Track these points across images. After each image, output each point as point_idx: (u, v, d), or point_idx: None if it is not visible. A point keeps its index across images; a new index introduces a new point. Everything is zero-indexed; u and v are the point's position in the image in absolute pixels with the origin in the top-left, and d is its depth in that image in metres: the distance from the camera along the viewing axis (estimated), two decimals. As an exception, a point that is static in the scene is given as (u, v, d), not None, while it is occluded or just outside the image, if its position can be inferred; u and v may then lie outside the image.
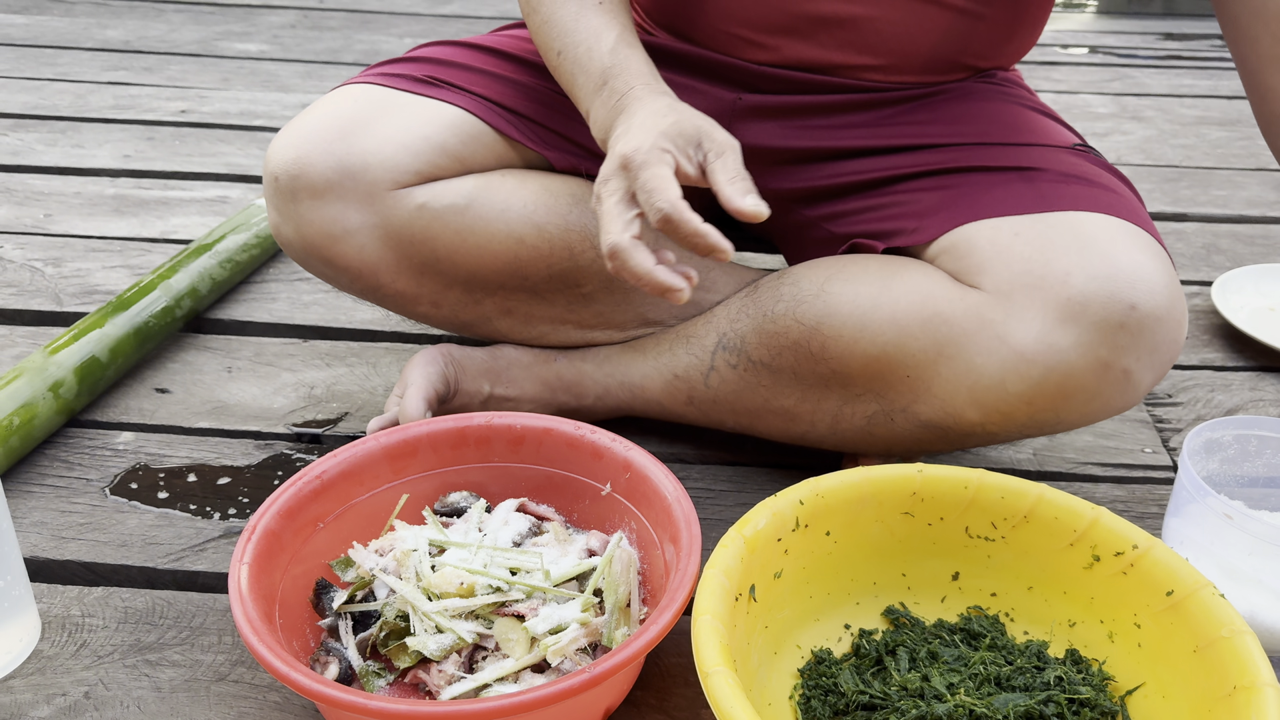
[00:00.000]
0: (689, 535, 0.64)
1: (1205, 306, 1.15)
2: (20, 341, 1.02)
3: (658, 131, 0.65)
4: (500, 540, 0.70)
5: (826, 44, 0.81)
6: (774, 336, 0.78)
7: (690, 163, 0.65)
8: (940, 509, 0.68)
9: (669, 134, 0.65)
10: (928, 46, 0.81)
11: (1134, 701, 0.62)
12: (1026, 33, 0.85)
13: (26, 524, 0.79)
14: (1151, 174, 1.53)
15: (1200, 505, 0.69)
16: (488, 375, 0.88)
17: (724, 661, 0.54)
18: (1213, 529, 0.69)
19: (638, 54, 0.73)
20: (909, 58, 0.82)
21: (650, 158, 0.63)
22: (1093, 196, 0.72)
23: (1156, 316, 0.67)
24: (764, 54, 0.84)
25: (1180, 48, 2.15)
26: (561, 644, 0.62)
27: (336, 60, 1.91)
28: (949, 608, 0.70)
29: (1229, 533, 0.68)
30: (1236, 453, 0.76)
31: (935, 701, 0.59)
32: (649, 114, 0.67)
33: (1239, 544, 0.68)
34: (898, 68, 0.82)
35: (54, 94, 1.68)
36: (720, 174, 0.64)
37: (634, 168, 0.64)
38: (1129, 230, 0.69)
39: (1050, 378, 0.69)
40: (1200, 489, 0.69)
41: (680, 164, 0.64)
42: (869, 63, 0.82)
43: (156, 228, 1.26)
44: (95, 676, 0.67)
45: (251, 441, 0.90)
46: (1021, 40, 0.86)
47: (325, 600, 0.68)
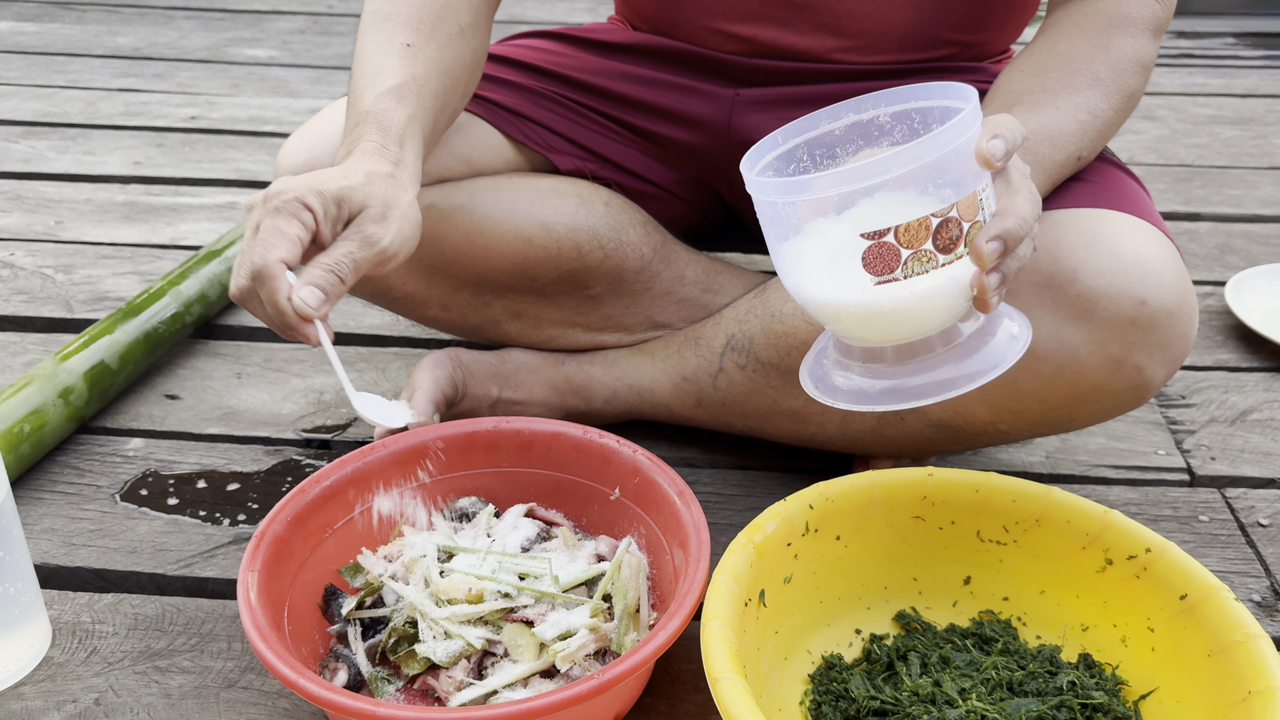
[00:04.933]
0: (698, 540, 0.63)
1: (1219, 307, 1.14)
2: (31, 348, 1.02)
3: (319, 187, 0.61)
4: (509, 545, 0.69)
5: (800, 28, 0.82)
6: (782, 337, 0.78)
7: (329, 230, 0.62)
8: (951, 513, 0.68)
9: (326, 192, 0.61)
10: (901, 23, 0.81)
11: (1148, 706, 0.61)
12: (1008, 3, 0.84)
13: (37, 531, 0.79)
14: (1164, 173, 1.52)
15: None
16: (496, 379, 0.88)
17: (733, 667, 0.53)
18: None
19: (402, 108, 0.69)
20: (883, 36, 0.82)
21: (286, 206, 0.60)
22: (1100, 192, 0.72)
23: (1167, 311, 0.66)
24: (742, 45, 0.84)
25: (1192, 46, 2.14)
26: (570, 650, 0.62)
27: (345, 65, 1.91)
28: (961, 612, 0.69)
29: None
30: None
31: (947, 707, 0.59)
32: (341, 170, 0.64)
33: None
34: (874, 47, 0.83)
35: (65, 101, 1.69)
36: (322, 254, 0.62)
37: (269, 208, 0.61)
38: (1137, 225, 0.69)
39: (1062, 375, 0.68)
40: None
41: (320, 225, 0.62)
42: (844, 44, 0.83)
43: (166, 234, 1.27)
44: (105, 683, 0.67)
45: (261, 447, 0.90)
46: (1006, 13, 0.85)
47: (334, 606, 0.68)
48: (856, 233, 0.52)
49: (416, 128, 0.69)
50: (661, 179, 0.92)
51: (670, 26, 0.88)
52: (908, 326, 0.56)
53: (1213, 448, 0.92)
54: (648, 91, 0.89)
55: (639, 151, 0.91)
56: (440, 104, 0.73)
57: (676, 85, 0.89)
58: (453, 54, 0.74)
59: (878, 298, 0.53)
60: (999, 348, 0.57)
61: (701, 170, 0.92)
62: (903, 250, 0.52)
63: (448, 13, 0.74)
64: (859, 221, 0.52)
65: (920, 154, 0.51)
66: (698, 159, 0.91)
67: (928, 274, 0.53)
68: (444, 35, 0.74)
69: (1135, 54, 0.71)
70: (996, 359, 0.56)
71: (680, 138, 0.90)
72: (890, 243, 0.52)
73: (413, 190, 0.66)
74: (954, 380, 0.56)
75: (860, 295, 0.54)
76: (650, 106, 0.89)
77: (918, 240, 0.52)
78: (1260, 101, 1.83)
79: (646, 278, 0.86)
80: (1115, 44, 0.70)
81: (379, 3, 0.74)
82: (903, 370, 0.57)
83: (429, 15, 0.73)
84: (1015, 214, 0.53)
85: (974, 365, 0.56)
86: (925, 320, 0.55)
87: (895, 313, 0.54)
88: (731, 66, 0.86)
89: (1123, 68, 0.71)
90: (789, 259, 0.57)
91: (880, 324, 0.55)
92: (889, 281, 0.53)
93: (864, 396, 0.58)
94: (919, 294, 0.53)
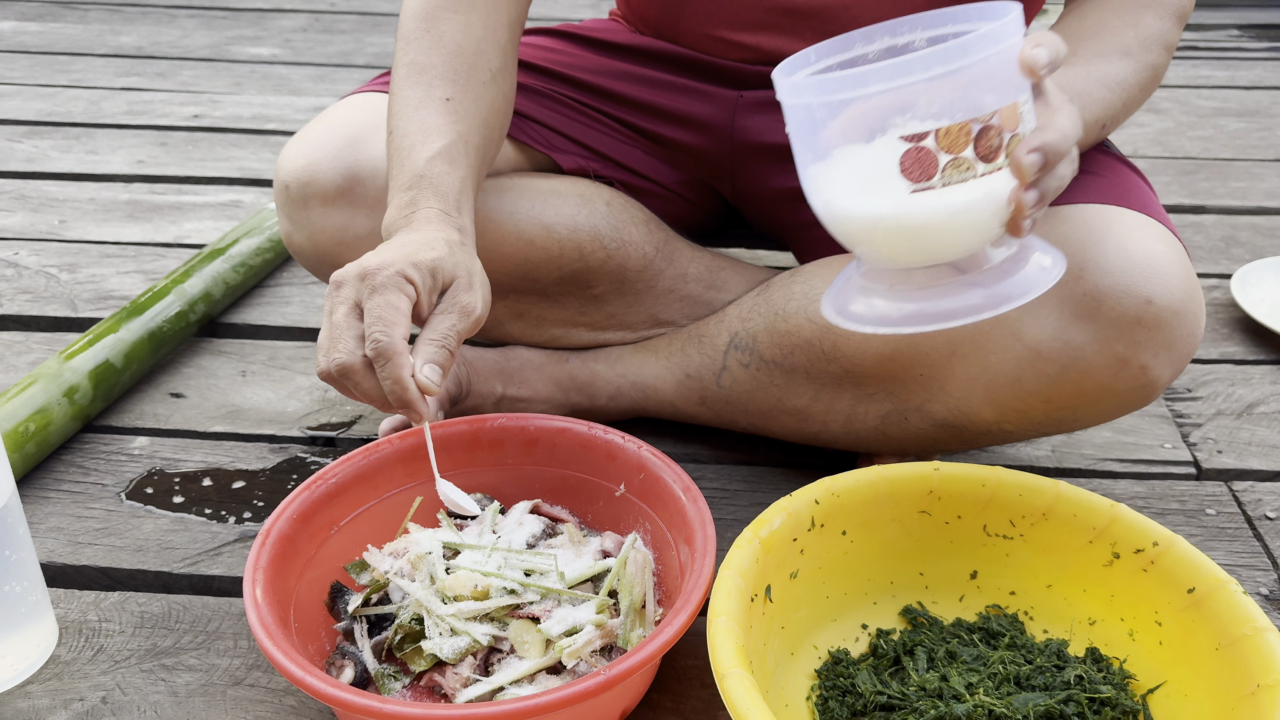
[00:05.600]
0: (703, 536, 0.63)
1: (1225, 300, 1.14)
2: (36, 347, 1.02)
3: (415, 260, 0.61)
4: (514, 542, 0.69)
5: (805, 36, 0.81)
6: (786, 335, 0.78)
7: (427, 302, 0.62)
8: (958, 507, 0.67)
9: (422, 265, 0.62)
10: None
11: (1155, 700, 0.61)
12: None
13: (43, 530, 0.79)
14: (1169, 166, 1.51)
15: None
16: (500, 376, 0.88)
17: (739, 663, 0.53)
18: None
19: (456, 171, 0.69)
20: None
21: (391, 281, 0.60)
22: (1105, 189, 0.72)
23: (1174, 310, 0.66)
24: (746, 53, 0.84)
25: (1197, 38, 2.13)
26: (577, 646, 0.62)
27: (348, 63, 1.91)
28: (967, 607, 0.69)
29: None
30: None
31: (954, 702, 0.59)
32: (423, 239, 0.64)
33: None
34: None
35: (68, 100, 1.69)
36: (428, 329, 0.62)
37: (372, 285, 0.60)
38: (1144, 223, 0.68)
39: (1067, 375, 0.68)
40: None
41: (420, 298, 0.62)
42: None
43: (170, 233, 1.27)
44: (112, 681, 0.67)
45: (266, 445, 0.90)
46: None
47: (340, 604, 0.68)
48: (896, 136, 0.51)
49: (469, 189, 0.70)
50: (664, 179, 0.92)
51: (673, 33, 0.87)
52: (940, 244, 0.54)
53: (1219, 441, 0.91)
54: (651, 92, 0.89)
55: (641, 151, 0.91)
56: (482, 157, 0.73)
57: (680, 87, 0.88)
58: (488, 102, 0.74)
59: (912, 209, 0.52)
60: (1030, 276, 0.55)
61: (704, 171, 0.92)
62: (941, 156, 0.51)
63: (479, 60, 0.74)
64: (897, 126, 0.51)
65: (963, 53, 0.49)
66: (701, 160, 0.91)
67: (965, 184, 0.51)
68: (479, 84, 0.73)
69: (1161, 33, 0.71)
70: (1027, 286, 0.55)
71: (683, 139, 0.90)
72: (929, 147, 0.50)
73: (476, 255, 0.67)
74: (981, 305, 0.55)
75: (894, 206, 0.52)
76: (653, 107, 0.89)
77: (958, 145, 0.50)
78: (1265, 93, 1.83)
79: (649, 276, 0.86)
80: (1143, 22, 0.70)
81: (411, 54, 0.73)
82: (930, 294, 0.55)
83: (463, 65, 0.73)
84: (1056, 128, 0.53)
85: (1003, 290, 0.55)
86: (958, 238, 0.54)
87: (929, 227, 0.52)
88: (734, 73, 0.85)
89: (1149, 45, 0.70)
90: (819, 175, 0.55)
91: (912, 241, 0.54)
92: (925, 190, 0.51)
93: (887, 320, 0.56)
94: (955, 206, 0.52)
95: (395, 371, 0.59)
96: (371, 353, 0.60)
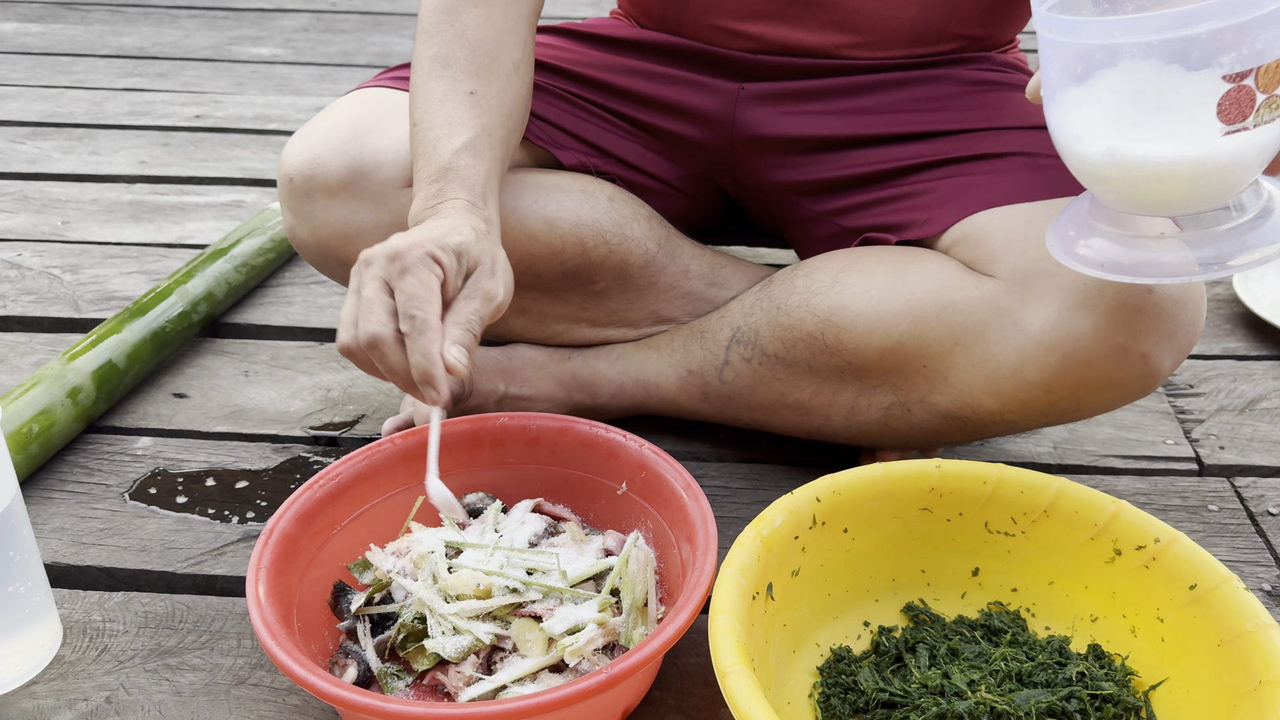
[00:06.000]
0: (705, 534, 0.63)
1: (1227, 295, 1.14)
2: (39, 348, 1.03)
3: (442, 242, 0.62)
4: (516, 541, 0.69)
5: (809, 25, 0.82)
6: (788, 329, 0.78)
7: (455, 284, 0.63)
8: (959, 504, 0.68)
9: (449, 247, 0.62)
10: (910, 19, 0.81)
11: (1158, 697, 0.61)
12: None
13: (47, 530, 0.80)
14: (1170, 162, 1.51)
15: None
16: (502, 374, 0.88)
17: (741, 661, 0.53)
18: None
19: (481, 164, 0.70)
20: (892, 32, 0.82)
21: (422, 261, 0.61)
22: None
23: (1174, 299, 0.66)
24: (749, 42, 0.84)
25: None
26: (579, 644, 0.62)
27: (349, 62, 1.92)
28: (969, 604, 0.69)
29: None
30: None
31: (956, 699, 0.59)
32: (450, 225, 0.64)
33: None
34: (883, 43, 0.83)
35: (70, 101, 1.69)
36: (452, 313, 0.62)
37: (403, 264, 0.61)
38: None
39: (1069, 364, 0.68)
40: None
41: (448, 279, 0.62)
42: (853, 40, 0.82)
43: (172, 233, 1.27)
44: (116, 681, 0.67)
45: (269, 445, 0.90)
46: (1014, 4, 0.85)
47: (343, 603, 0.68)
48: (1217, 75, 0.48)
49: (494, 181, 0.71)
50: (665, 174, 0.92)
51: (675, 24, 0.87)
52: (1220, 189, 0.52)
53: (1221, 437, 0.91)
54: (652, 86, 0.89)
55: (642, 146, 0.91)
56: (506, 149, 0.74)
57: (681, 80, 0.88)
58: (511, 95, 0.75)
59: (1218, 150, 0.50)
60: (1275, 225, 0.53)
61: (706, 165, 0.92)
62: (1259, 95, 0.49)
63: (501, 53, 0.75)
64: (1221, 65, 0.48)
65: None
66: (702, 154, 0.91)
67: (1272, 124, 0.49)
68: (501, 77, 0.74)
69: None
70: (1275, 234, 0.52)
71: (684, 132, 0.90)
72: (1250, 86, 0.48)
73: (500, 244, 0.68)
74: (1214, 258, 0.52)
75: (1200, 149, 0.50)
76: (654, 101, 0.89)
77: (1274, 84, 0.48)
78: (1267, 88, 1.82)
79: (651, 272, 0.86)
80: None
81: (433, 48, 0.74)
82: (1165, 244, 0.53)
83: (485, 58, 0.73)
84: None
85: (1257, 240, 0.52)
86: (1238, 181, 0.51)
87: (1228, 169, 0.50)
88: (737, 63, 0.86)
89: None
90: (1095, 120, 0.52)
91: (1197, 185, 0.51)
92: (1238, 131, 0.49)
93: (1118, 267, 0.54)
94: (1258, 146, 0.50)
95: (427, 346, 0.60)
96: (407, 327, 0.60)
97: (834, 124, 0.84)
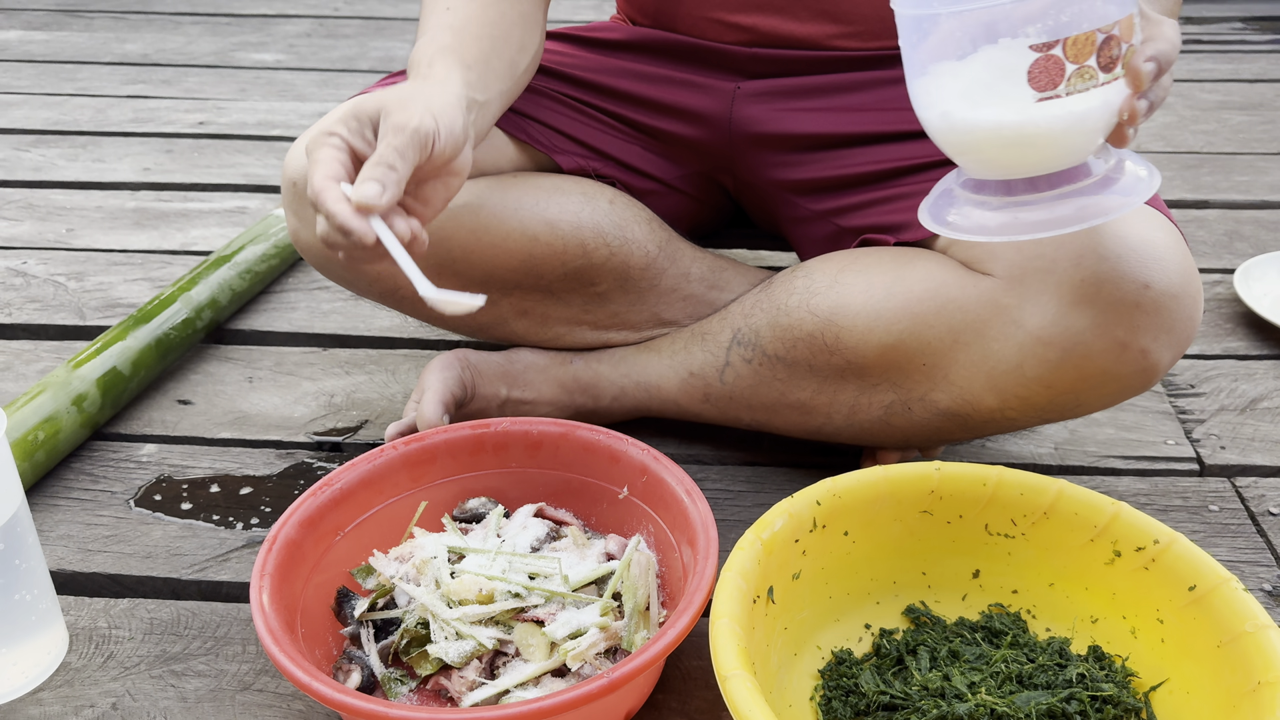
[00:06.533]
0: (706, 538, 0.64)
1: (1228, 294, 1.14)
2: (45, 356, 1.03)
3: (337, 115, 0.65)
4: (519, 545, 0.70)
5: (800, 16, 0.83)
6: (788, 329, 0.78)
7: (362, 143, 0.64)
8: (959, 506, 0.68)
9: (343, 115, 0.64)
10: None
11: (1158, 698, 0.61)
12: None
13: (53, 537, 0.80)
14: (1172, 160, 1.51)
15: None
16: (504, 379, 0.88)
17: (742, 664, 0.54)
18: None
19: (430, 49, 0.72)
20: (882, 21, 0.83)
21: (315, 142, 0.63)
22: None
23: (1172, 294, 0.67)
24: (742, 35, 0.86)
25: (1200, 31, 2.12)
26: (581, 648, 0.62)
27: (352, 68, 1.92)
28: (970, 605, 0.69)
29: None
30: None
31: (957, 701, 0.59)
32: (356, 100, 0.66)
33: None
34: (873, 32, 0.84)
35: (74, 109, 1.70)
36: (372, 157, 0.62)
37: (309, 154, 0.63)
38: (1140, 210, 0.69)
39: (1068, 360, 0.69)
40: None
41: (353, 144, 0.63)
42: (843, 30, 0.84)
43: (176, 240, 1.27)
44: (122, 688, 0.68)
45: (273, 451, 0.90)
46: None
47: (347, 608, 0.69)
48: (1025, 45, 0.53)
49: (448, 56, 0.71)
50: (665, 174, 0.92)
51: (670, 19, 0.88)
52: (1053, 153, 0.56)
53: (1222, 436, 0.91)
54: (649, 87, 0.90)
55: (641, 148, 0.91)
56: (487, 46, 0.74)
57: (678, 80, 0.89)
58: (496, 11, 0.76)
59: (1035, 117, 0.54)
60: (1128, 185, 0.57)
61: (705, 164, 0.93)
62: (1068, 65, 0.53)
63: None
64: (1028, 35, 0.53)
65: None
66: (700, 153, 0.91)
67: (1086, 93, 0.54)
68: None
69: None
70: (1124, 196, 0.57)
71: (682, 132, 0.90)
72: (1058, 56, 0.53)
73: (443, 91, 0.67)
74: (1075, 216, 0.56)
75: (1018, 114, 0.54)
76: (652, 102, 0.90)
77: (1083, 55, 0.53)
78: (1269, 86, 1.82)
79: (652, 275, 0.87)
80: None
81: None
82: (1027, 203, 0.57)
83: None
84: (1165, 38, 0.55)
85: (1102, 202, 0.56)
86: (1072, 146, 0.56)
87: (1048, 135, 0.55)
88: (731, 57, 0.87)
89: None
90: (933, 87, 0.57)
91: (1027, 149, 0.56)
92: (1050, 98, 0.54)
93: (984, 229, 0.58)
94: (1075, 114, 0.54)
95: (327, 206, 0.60)
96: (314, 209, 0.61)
97: (831, 121, 0.85)
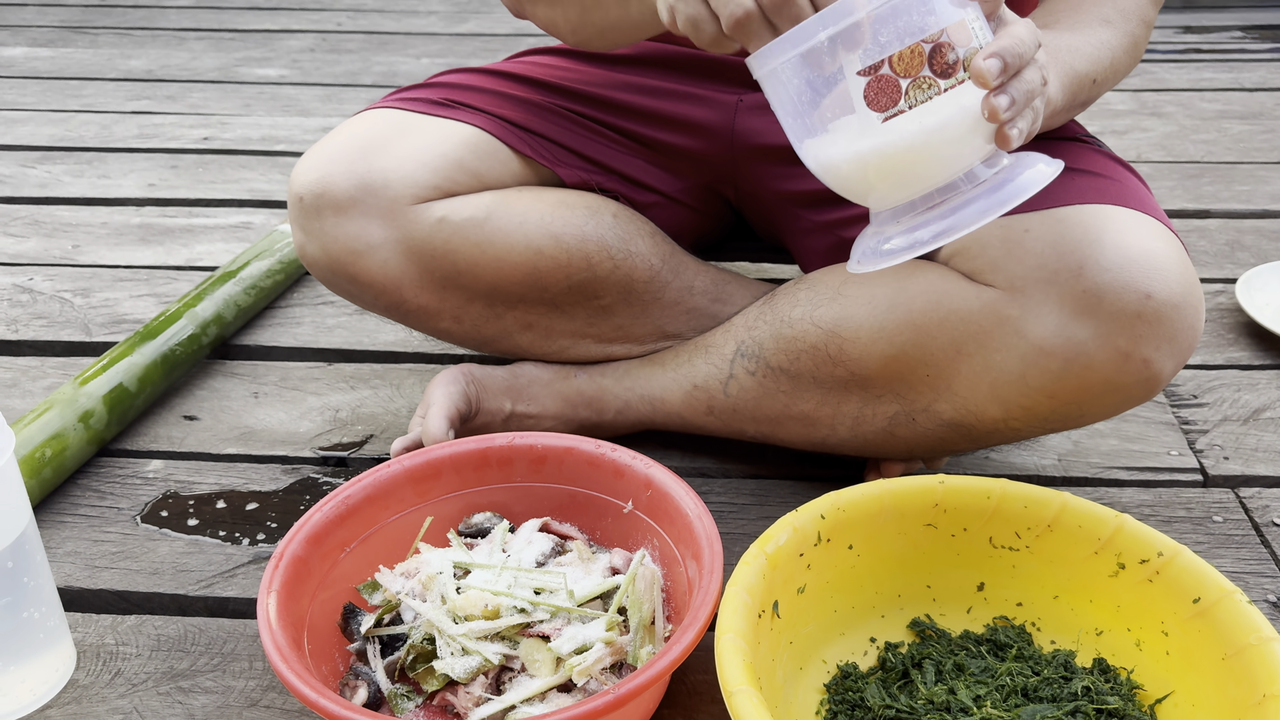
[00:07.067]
0: (711, 552, 0.64)
1: (1230, 304, 1.14)
2: (51, 372, 1.04)
3: None
4: (524, 560, 0.70)
5: None
6: (792, 341, 0.79)
7: None
8: (963, 519, 0.68)
9: None
10: None
11: (1163, 710, 0.61)
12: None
13: (60, 554, 0.81)
14: (1173, 170, 1.51)
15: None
16: (509, 393, 0.89)
17: (747, 680, 0.54)
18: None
19: None
20: None
21: None
22: (1101, 189, 0.73)
23: (1173, 304, 0.67)
24: None
25: (1200, 41, 2.13)
26: (587, 664, 0.63)
27: (355, 82, 1.93)
28: (975, 619, 0.69)
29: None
30: None
31: (962, 714, 0.59)
32: None
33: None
34: None
35: (79, 125, 1.71)
36: None
37: None
38: (1140, 220, 0.70)
39: (1071, 370, 0.69)
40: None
41: None
42: None
43: (182, 255, 1.28)
44: (130, 705, 0.68)
45: (279, 466, 0.91)
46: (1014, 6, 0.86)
47: (353, 624, 0.69)
48: (853, 73, 0.54)
49: None
50: (668, 187, 0.93)
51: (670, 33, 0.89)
52: (929, 166, 0.56)
53: (1226, 447, 0.92)
54: (651, 100, 0.90)
55: (644, 161, 0.92)
56: None
57: (680, 93, 0.90)
58: None
59: (890, 136, 0.54)
60: (1026, 178, 0.57)
61: (707, 176, 0.93)
62: (901, 80, 0.54)
63: None
64: (853, 63, 0.53)
65: None
66: (703, 165, 0.92)
67: (932, 102, 0.54)
68: None
69: (1139, 8, 0.74)
70: (1024, 185, 0.56)
71: (686, 145, 0.91)
72: (887, 74, 0.53)
73: None
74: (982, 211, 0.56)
75: (873, 139, 0.55)
76: (654, 114, 0.90)
77: (914, 67, 0.53)
78: (1269, 95, 1.82)
79: (656, 288, 0.87)
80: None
81: None
82: (933, 216, 0.58)
83: None
84: (1010, 34, 0.55)
85: (1002, 195, 0.56)
86: (944, 155, 0.56)
87: (912, 149, 0.55)
88: (734, 69, 0.87)
89: (1129, 16, 0.74)
90: (807, 138, 0.57)
91: (902, 168, 0.56)
92: (895, 115, 0.54)
93: (897, 251, 0.58)
94: (930, 125, 0.54)
95: None
96: None
97: None
